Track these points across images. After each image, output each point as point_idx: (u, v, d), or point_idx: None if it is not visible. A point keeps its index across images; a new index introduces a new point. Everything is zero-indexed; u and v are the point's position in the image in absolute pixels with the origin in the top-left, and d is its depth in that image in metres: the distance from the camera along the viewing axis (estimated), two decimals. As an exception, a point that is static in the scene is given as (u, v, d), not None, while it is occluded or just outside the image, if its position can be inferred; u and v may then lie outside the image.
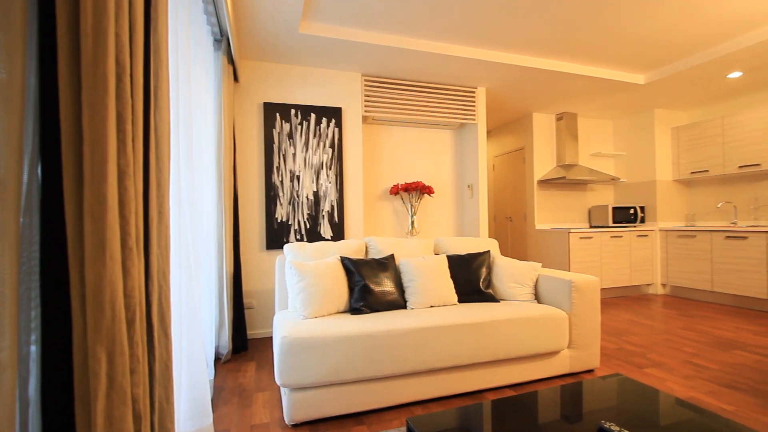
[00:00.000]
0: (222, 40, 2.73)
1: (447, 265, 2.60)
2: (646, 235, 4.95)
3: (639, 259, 4.90)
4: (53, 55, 0.71)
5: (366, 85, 3.77)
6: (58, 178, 0.72)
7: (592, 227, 5.09)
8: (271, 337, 3.41)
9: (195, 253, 1.78)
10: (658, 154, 5.02)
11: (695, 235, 4.56)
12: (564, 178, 4.80)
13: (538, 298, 2.62)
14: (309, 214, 3.52)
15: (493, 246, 3.01)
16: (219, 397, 2.20)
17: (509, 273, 2.63)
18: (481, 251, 2.83)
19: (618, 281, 4.78)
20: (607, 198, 5.61)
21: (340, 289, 2.30)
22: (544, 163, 5.23)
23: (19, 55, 0.63)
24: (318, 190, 3.55)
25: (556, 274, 2.54)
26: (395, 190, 3.95)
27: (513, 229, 5.67)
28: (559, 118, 5.20)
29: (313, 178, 3.54)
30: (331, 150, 3.60)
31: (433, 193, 4.03)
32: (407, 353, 2.00)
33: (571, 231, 4.55)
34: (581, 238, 4.61)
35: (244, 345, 3.00)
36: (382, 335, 1.97)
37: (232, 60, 2.97)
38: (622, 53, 3.54)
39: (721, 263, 4.29)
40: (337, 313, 2.27)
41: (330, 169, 3.59)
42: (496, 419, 1.30)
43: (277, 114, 3.45)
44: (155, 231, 0.94)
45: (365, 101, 3.77)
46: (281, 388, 2.08)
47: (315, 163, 3.55)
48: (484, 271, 2.65)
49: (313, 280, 2.22)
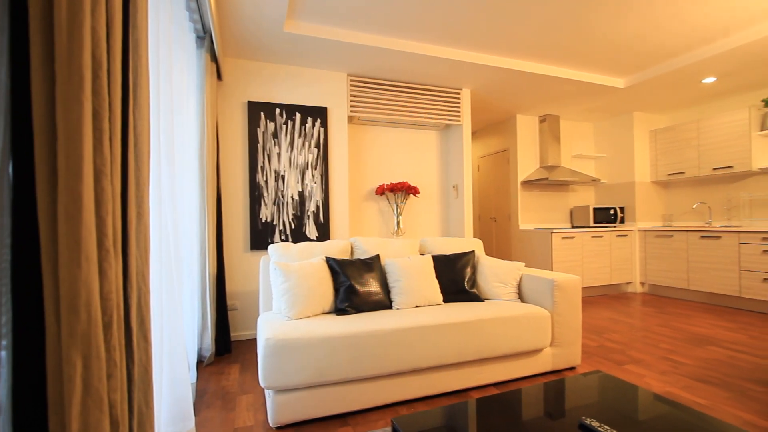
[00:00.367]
0: (205, 37, 2.68)
1: (432, 265, 2.61)
2: (626, 235, 5.08)
3: (619, 258, 5.02)
4: (25, 49, 0.68)
5: (352, 85, 3.76)
6: (30, 177, 0.69)
7: (573, 227, 5.19)
8: (256, 338, 3.36)
9: (176, 254, 1.74)
10: (636, 156, 5.15)
11: (672, 235, 4.70)
12: (547, 179, 4.88)
13: (521, 297, 2.65)
14: (294, 215, 3.49)
15: (477, 246, 3.04)
16: (201, 401, 2.16)
17: (493, 273, 2.66)
18: (465, 251, 2.85)
19: (599, 280, 4.89)
20: (589, 199, 5.74)
21: (325, 289, 2.29)
22: (527, 164, 5.31)
23: (-11, 49, 0.60)
24: (303, 190, 3.53)
25: (539, 273, 2.58)
26: (381, 191, 3.95)
27: (497, 229, 5.74)
28: (542, 120, 5.29)
29: (299, 178, 3.51)
30: (316, 150, 3.57)
31: (418, 193, 4.05)
32: (392, 353, 2.00)
33: (554, 231, 4.64)
34: (563, 238, 4.70)
35: (228, 347, 2.95)
36: (367, 336, 1.97)
37: (215, 57, 2.92)
38: (602, 57, 3.62)
39: (696, 262, 4.43)
40: (323, 314, 2.26)
41: (315, 169, 3.57)
42: (481, 417, 1.31)
43: (262, 113, 3.41)
44: (134, 231, 0.92)
45: (351, 101, 3.76)
46: (265, 391, 2.06)
47: (300, 162, 3.52)
48: (468, 270, 2.67)
49: (297, 281, 2.20)
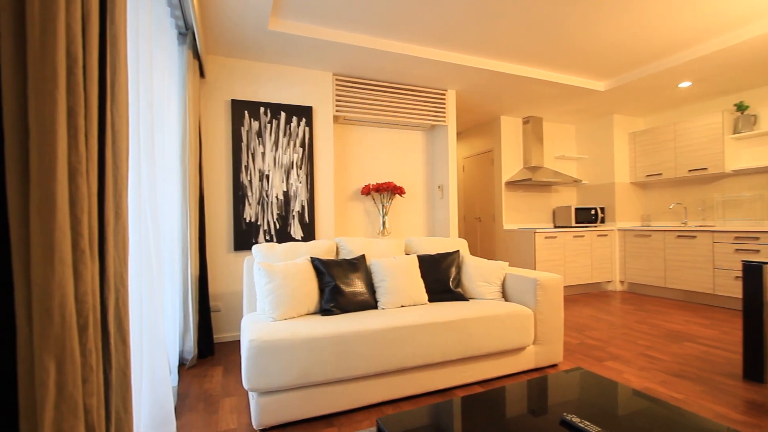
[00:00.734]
0: (187, 33, 2.63)
1: (417, 265, 2.63)
2: (606, 235, 5.20)
3: (599, 257, 5.14)
4: (-5, 42, 0.66)
5: (337, 85, 3.75)
6: (0, 176, 0.67)
7: (556, 227, 5.29)
8: (239, 340, 3.32)
9: (157, 255, 1.71)
10: (616, 158, 5.28)
11: (650, 235, 4.83)
12: (530, 179, 4.96)
13: (505, 296, 2.69)
14: (279, 215, 3.46)
15: (462, 246, 3.07)
16: (183, 404, 2.12)
17: (478, 272, 2.69)
18: (450, 251, 2.87)
19: (580, 279, 4.99)
20: (570, 199, 5.85)
21: (310, 290, 2.27)
22: (511, 164, 5.38)
23: (-45, 42, 0.58)
24: (288, 190, 3.49)
25: (522, 272, 2.62)
26: (367, 191, 3.95)
27: (482, 229, 5.80)
28: (525, 121, 5.37)
29: (283, 178, 3.48)
30: (301, 149, 3.55)
31: (404, 193, 4.06)
32: (378, 353, 2.01)
33: (537, 231, 4.71)
34: (546, 237, 4.78)
35: (211, 349, 2.90)
36: (352, 336, 1.96)
37: (197, 55, 2.87)
38: (584, 61, 3.70)
39: (673, 261, 4.57)
40: (308, 314, 2.25)
41: (300, 168, 3.54)
42: (466, 415, 1.32)
43: (246, 111, 3.36)
44: (111, 232, 0.89)
45: (336, 101, 3.74)
46: (249, 393, 2.04)
47: (285, 162, 3.49)
48: (453, 270, 2.69)
49: (282, 282, 2.18)
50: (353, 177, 4.10)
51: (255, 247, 2.52)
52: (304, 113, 3.56)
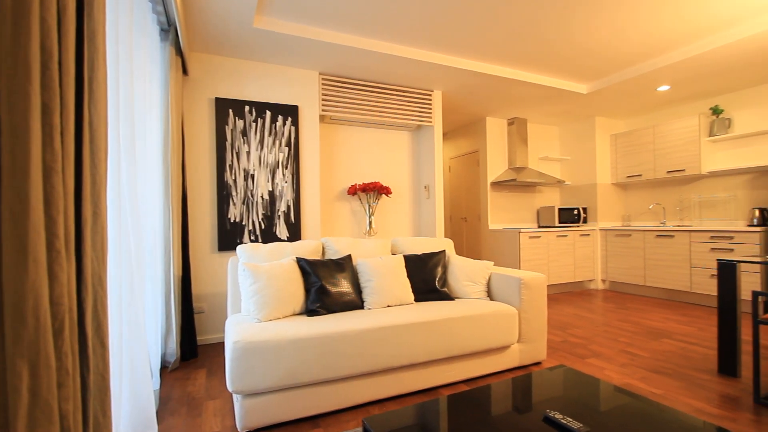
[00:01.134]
0: (169, 30, 2.58)
1: (404, 264, 2.63)
2: (588, 235, 5.31)
3: (582, 256, 5.24)
4: (-36, 36, 0.64)
5: (324, 84, 3.73)
6: (-30, 174, 0.64)
7: (540, 227, 5.37)
8: (224, 342, 3.27)
9: (138, 255, 1.67)
10: (598, 159, 5.39)
11: (630, 234, 4.95)
12: (515, 180, 5.03)
13: (490, 295, 2.72)
14: (264, 215, 3.42)
15: (448, 246, 3.09)
16: (165, 408, 2.08)
17: (464, 272, 2.71)
18: (436, 251, 2.89)
19: (563, 278, 5.08)
20: (554, 199, 5.95)
21: (295, 290, 2.25)
22: (496, 165, 5.44)
23: None
24: (274, 190, 3.46)
25: (507, 272, 2.65)
26: (353, 191, 3.94)
27: (468, 229, 5.85)
28: (510, 122, 5.44)
29: (269, 177, 3.44)
30: (287, 149, 3.52)
31: (390, 193, 4.06)
32: (364, 353, 2.00)
33: (522, 231, 4.78)
34: (530, 237, 4.85)
35: (194, 351, 2.85)
36: (338, 336, 1.95)
37: (180, 51, 2.82)
38: (567, 64, 3.76)
39: (652, 260, 4.69)
40: (293, 315, 2.23)
41: (286, 168, 3.51)
42: (451, 414, 1.33)
43: (230, 110, 3.32)
44: (89, 232, 0.87)
45: (323, 100, 3.72)
46: (233, 395, 2.01)
47: (270, 161, 3.45)
48: (439, 270, 2.71)
49: (267, 282, 2.16)
50: (340, 177, 4.08)
51: (240, 248, 2.49)
52: (290, 112, 3.53)
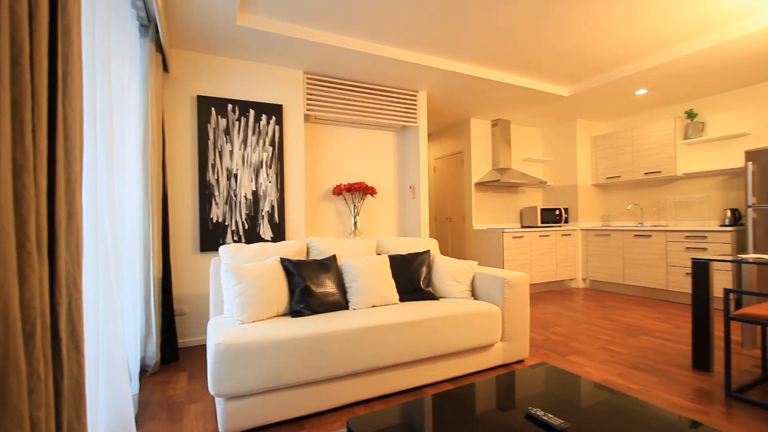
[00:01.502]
0: (149, 25, 2.52)
1: (389, 264, 2.63)
2: (569, 234, 5.42)
3: (563, 256, 5.34)
4: (-72, 27, 0.61)
5: (308, 84, 3.70)
6: (-66, 172, 0.61)
7: (523, 227, 5.45)
8: (206, 344, 3.21)
9: (115, 256, 1.62)
10: (579, 161, 5.51)
11: (610, 234, 5.07)
12: (498, 180, 5.09)
13: (474, 294, 2.74)
14: (247, 215, 3.37)
15: (433, 246, 3.10)
16: (145, 413, 2.03)
17: (448, 272, 2.73)
18: (421, 251, 2.90)
19: (545, 277, 5.17)
20: (536, 200, 6.05)
21: (279, 291, 2.23)
22: (480, 166, 5.50)
23: None
24: (257, 190, 3.42)
25: (491, 271, 2.68)
26: (338, 191, 3.92)
27: (452, 229, 5.89)
28: (494, 124, 5.51)
29: (252, 177, 3.40)
30: (271, 148, 3.48)
31: (375, 193, 4.06)
32: (349, 354, 2.00)
33: (505, 231, 4.84)
34: (514, 237, 4.92)
35: (175, 354, 2.79)
36: (323, 337, 1.94)
37: (161, 48, 2.76)
38: (549, 67, 3.83)
39: (630, 259, 4.82)
40: (277, 316, 2.21)
41: (270, 167, 3.47)
42: (436, 413, 1.34)
43: (213, 108, 3.26)
44: (63, 233, 0.84)
45: (307, 99, 3.70)
46: (216, 398, 1.98)
47: (254, 161, 3.41)
48: (424, 270, 2.72)
49: (250, 283, 2.13)
50: (325, 177, 4.06)
51: (222, 248, 2.45)
52: (274, 111, 3.49)
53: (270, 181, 3.47)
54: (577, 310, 4.11)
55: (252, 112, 3.40)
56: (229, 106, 3.32)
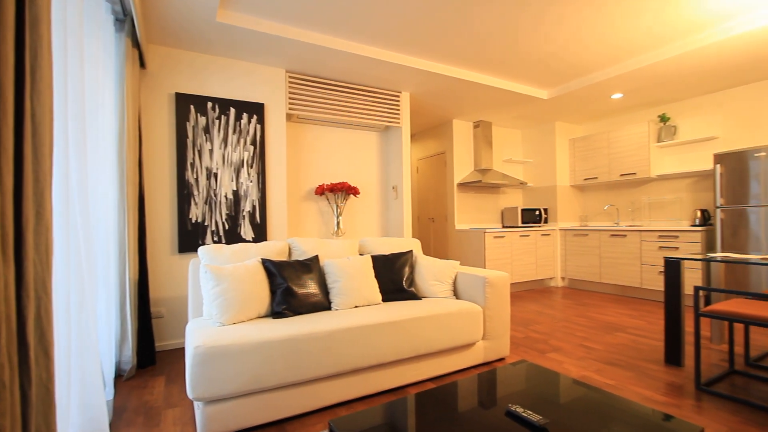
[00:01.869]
0: (125, 20, 2.45)
1: (371, 265, 2.63)
2: (549, 234, 5.53)
3: (543, 255, 5.45)
4: None
5: (290, 82, 3.67)
6: None
7: (504, 227, 5.54)
8: (184, 347, 3.14)
9: (88, 258, 1.57)
10: (558, 162, 5.64)
11: (587, 234, 5.20)
12: (480, 181, 5.16)
13: (456, 294, 2.77)
14: (228, 215, 3.31)
15: (415, 246, 3.12)
16: (120, 419, 1.97)
17: (430, 271, 2.75)
18: (404, 251, 2.91)
19: (526, 276, 5.27)
20: (517, 200, 6.16)
21: (260, 292, 2.20)
22: (463, 167, 5.56)
23: None
24: (238, 189, 3.36)
25: (473, 271, 2.72)
26: (321, 191, 3.90)
27: (435, 230, 5.94)
28: (476, 125, 5.58)
29: (233, 177, 3.34)
30: (252, 147, 3.43)
31: (358, 193, 4.05)
32: (331, 355, 1.98)
33: (487, 231, 4.91)
34: (495, 237, 4.99)
35: (152, 358, 2.72)
36: (304, 338, 1.93)
37: (137, 43, 2.68)
38: (529, 70, 3.90)
39: (607, 258, 4.96)
40: (258, 317, 2.17)
41: (251, 167, 3.42)
42: (418, 412, 1.34)
43: (192, 106, 3.19)
44: (31, 234, 0.81)
45: (290, 98, 3.66)
46: (194, 403, 1.93)
47: (235, 160, 3.35)
48: (407, 270, 2.73)
49: (231, 285, 2.09)
50: (307, 176, 4.03)
51: (201, 249, 2.40)
52: (256, 110, 3.44)
53: (251, 181, 3.42)
54: (556, 309, 4.20)
55: (233, 111, 3.35)
56: (209, 104, 3.25)
